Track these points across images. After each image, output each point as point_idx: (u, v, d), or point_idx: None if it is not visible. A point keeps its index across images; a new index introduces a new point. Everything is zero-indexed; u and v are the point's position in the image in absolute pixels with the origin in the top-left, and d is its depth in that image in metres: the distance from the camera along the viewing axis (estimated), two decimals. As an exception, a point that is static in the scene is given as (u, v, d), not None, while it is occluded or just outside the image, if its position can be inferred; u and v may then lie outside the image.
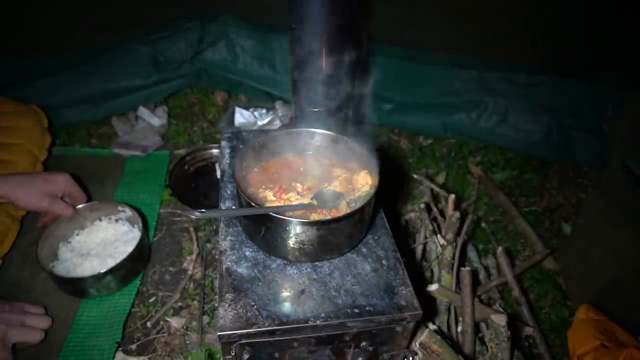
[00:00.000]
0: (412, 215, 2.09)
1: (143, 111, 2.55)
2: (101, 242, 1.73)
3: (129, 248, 1.66)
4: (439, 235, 1.76)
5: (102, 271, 1.51)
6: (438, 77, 2.54)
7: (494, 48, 2.40)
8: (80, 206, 1.71)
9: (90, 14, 2.29)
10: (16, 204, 1.54)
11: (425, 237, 1.83)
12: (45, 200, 1.56)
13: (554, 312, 1.82)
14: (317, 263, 1.09)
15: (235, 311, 0.97)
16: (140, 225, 1.72)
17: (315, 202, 1.11)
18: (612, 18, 2.22)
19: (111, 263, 1.58)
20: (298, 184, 1.19)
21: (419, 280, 1.70)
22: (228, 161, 1.42)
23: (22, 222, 1.81)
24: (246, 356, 0.99)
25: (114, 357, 1.46)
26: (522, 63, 2.43)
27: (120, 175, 2.18)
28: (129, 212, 1.77)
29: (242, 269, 1.07)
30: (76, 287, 1.56)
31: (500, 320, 1.30)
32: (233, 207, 1.24)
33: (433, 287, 1.47)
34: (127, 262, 1.57)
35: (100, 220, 1.78)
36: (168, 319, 1.63)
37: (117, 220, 1.79)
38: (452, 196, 1.83)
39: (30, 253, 1.76)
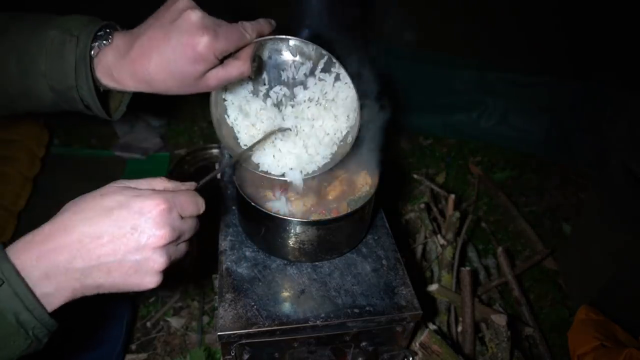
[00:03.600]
0: (412, 215, 2.09)
1: (143, 111, 2.52)
2: None
3: None
4: (439, 235, 1.76)
5: None
6: (438, 77, 2.54)
7: (494, 48, 2.40)
8: None
9: (90, 13, 2.28)
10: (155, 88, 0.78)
11: (425, 237, 1.82)
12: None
13: (554, 312, 1.82)
14: (317, 263, 1.09)
15: (235, 311, 0.97)
16: None
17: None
18: (612, 19, 2.22)
19: None
20: (298, 184, 1.18)
21: (419, 280, 1.70)
22: (228, 161, 1.42)
23: (19, 216, 1.81)
24: (246, 356, 0.99)
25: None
26: (522, 63, 2.43)
27: (121, 176, 2.18)
28: None
29: (242, 269, 1.07)
30: None
31: (500, 320, 1.30)
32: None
33: (433, 287, 1.47)
34: None
35: None
36: (168, 319, 1.63)
37: None
38: (452, 196, 1.83)
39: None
